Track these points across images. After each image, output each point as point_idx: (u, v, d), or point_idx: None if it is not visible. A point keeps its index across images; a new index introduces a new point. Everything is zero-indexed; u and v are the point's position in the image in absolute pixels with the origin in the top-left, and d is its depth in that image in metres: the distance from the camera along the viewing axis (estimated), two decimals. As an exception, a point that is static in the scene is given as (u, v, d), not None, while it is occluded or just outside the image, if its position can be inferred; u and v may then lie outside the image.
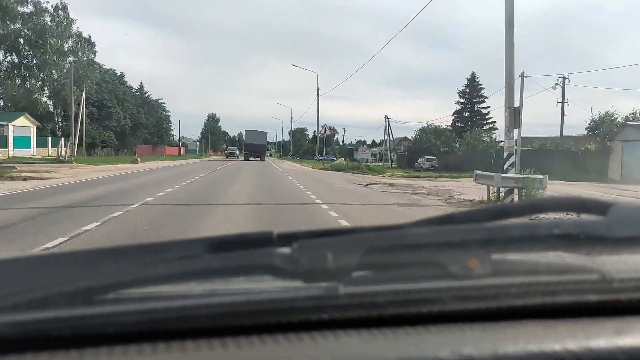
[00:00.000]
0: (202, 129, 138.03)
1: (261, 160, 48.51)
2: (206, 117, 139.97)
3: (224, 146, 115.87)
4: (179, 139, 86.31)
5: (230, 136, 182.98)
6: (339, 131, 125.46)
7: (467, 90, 61.25)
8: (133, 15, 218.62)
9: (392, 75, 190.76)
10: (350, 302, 0.61)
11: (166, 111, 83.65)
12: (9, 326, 0.56)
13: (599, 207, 0.69)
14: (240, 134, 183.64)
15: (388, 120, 57.07)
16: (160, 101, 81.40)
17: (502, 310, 0.65)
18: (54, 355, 0.55)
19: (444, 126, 58.75)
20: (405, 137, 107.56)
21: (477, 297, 0.64)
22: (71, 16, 44.32)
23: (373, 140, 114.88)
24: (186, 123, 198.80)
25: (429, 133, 55.40)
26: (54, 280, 0.61)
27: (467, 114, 61.64)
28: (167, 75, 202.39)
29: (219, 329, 0.59)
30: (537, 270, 0.71)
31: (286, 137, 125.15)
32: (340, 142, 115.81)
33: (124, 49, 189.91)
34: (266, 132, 58.54)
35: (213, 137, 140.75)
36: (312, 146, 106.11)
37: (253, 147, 52.19)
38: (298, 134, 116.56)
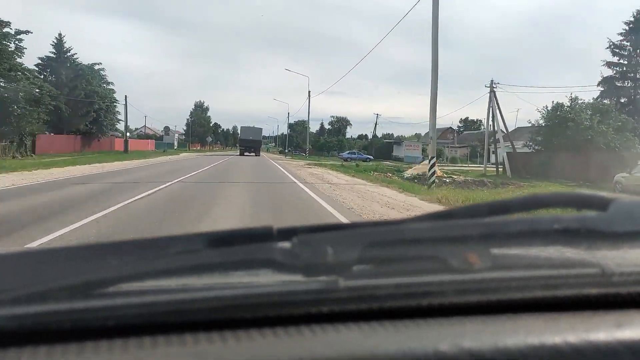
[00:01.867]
0: (187, 119, 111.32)
1: (256, 155, 48.71)
2: (192, 107, 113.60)
3: (209, 139, 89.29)
4: (126, 128, 52.49)
5: (223, 129, 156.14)
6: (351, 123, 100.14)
7: (627, 45, 34.38)
8: (130, 12, 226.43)
9: (388, 72, 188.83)
10: (350, 295, 0.61)
11: (108, 83, 48.50)
12: (9, 319, 0.56)
13: (599, 203, 0.69)
14: (235, 127, 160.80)
15: (494, 91, 30.46)
16: (97, 67, 46.68)
17: (502, 303, 0.65)
18: (53, 348, 0.55)
19: (590, 100, 31.84)
20: (450, 127, 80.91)
21: (477, 290, 0.64)
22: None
23: (365, 134, 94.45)
24: (180, 117, 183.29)
25: (579, 111, 27.81)
26: (54, 275, 0.61)
27: (626, 82, 34.76)
28: (163, 71, 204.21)
29: (218, 322, 0.59)
30: (537, 264, 0.71)
31: (283, 132, 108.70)
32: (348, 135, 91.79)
33: (120, 45, 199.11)
34: (261, 128, 58.52)
35: (200, 129, 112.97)
36: (329, 140, 78.56)
37: (248, 142, 51.94)
38: (299, 127, 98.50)
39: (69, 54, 42.58)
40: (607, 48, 35.17)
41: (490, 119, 30.02)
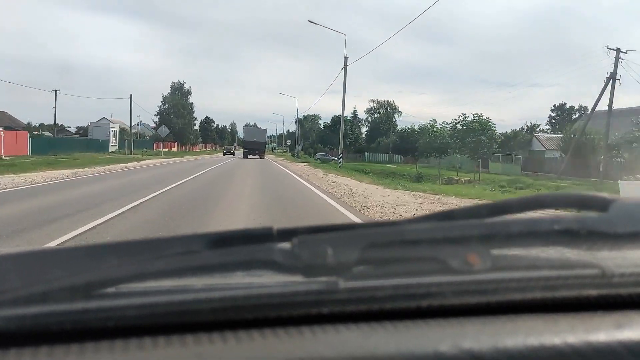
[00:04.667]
0: (160, 106, 77.11)
1: (260, 158, 45.26)
2: (169, 89, 79.52)
3: (165, 131, 56.76)
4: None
5: (217, 125, 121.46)
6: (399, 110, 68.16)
7: None
8: (130, 10, 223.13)
9: (390, 70, 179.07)
10: (351, 296, 0.61)
11: None
12: (9, 320, 0.56)
13: (599, 204, 0.69)
14: (233, 124, 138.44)
15: None
16: None
17: (502, 304, 0.65)
18: (54, 349, 0.55)
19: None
20: None
21: (477, 291, 0.64)
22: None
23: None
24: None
25: None
26: (54, 275, 0.60)
27: None
28: (164, 69, 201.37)
29: (219, 323, 0.59)
30: (537, 265, 0.71)
31: (290, 129, 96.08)
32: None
33: (121, 44, 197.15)
34: (266, 130, 57.16)
35: (179, 122, 77.78)
36: (440, 133, 44.15)
37: (252, 144, 49.08)
38: (309, 123, 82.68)
39: None
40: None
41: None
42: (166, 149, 64.14)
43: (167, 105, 78.15)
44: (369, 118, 71.39)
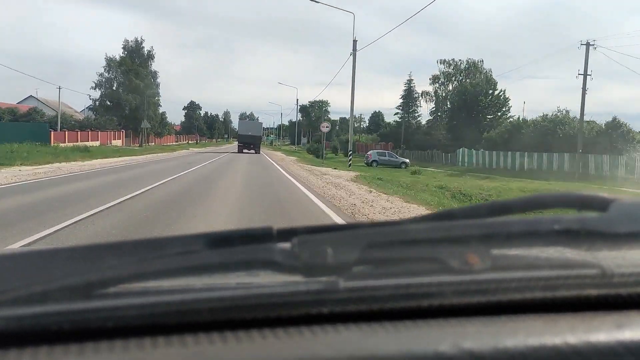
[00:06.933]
0: (101, 75, 50.68)
1: (256, 153, 44.07)
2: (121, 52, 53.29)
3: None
4: None
5: (207, 114, 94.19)
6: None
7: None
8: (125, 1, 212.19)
9: (386, 62, 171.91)
10: (351, 296, 0.61)
11: None
12: (9, 320, 0.56)
13: (600, 203, 0.69)
14: (227, 113, 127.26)
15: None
16: None
17: (502, 304, 0.65)
18: (54, 349, 0.55)
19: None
20: None
21: (477, 291, 0.64)
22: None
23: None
24: (175, 110, 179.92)
25: None
26: (54, 275, 0.60)
27: None
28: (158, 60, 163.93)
29: (219, 323, 0.59)
30: (537, 265, 0.71)
31: (292, 119, 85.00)
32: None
33: (115, 34, 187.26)
34: (261, 123, 59.42)
35: (133, 99, 48.62)
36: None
37: (247, 138, 47.96)
38: (316, 110, 66.31)
39: None
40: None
41: None
42: (93, 143, 36.92)
43: (112, 74, 49.17)
44: (438, 91, 43.20)
